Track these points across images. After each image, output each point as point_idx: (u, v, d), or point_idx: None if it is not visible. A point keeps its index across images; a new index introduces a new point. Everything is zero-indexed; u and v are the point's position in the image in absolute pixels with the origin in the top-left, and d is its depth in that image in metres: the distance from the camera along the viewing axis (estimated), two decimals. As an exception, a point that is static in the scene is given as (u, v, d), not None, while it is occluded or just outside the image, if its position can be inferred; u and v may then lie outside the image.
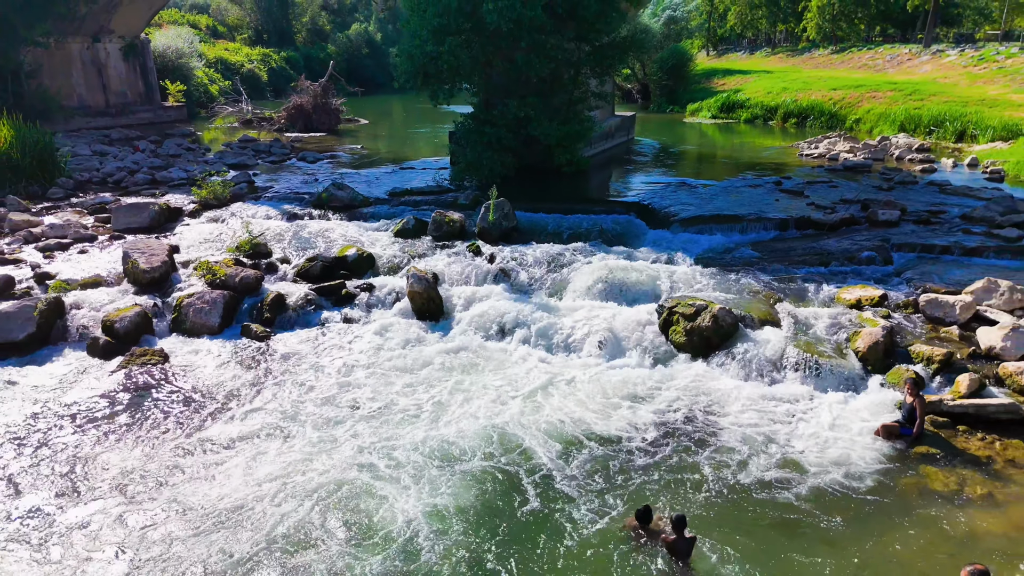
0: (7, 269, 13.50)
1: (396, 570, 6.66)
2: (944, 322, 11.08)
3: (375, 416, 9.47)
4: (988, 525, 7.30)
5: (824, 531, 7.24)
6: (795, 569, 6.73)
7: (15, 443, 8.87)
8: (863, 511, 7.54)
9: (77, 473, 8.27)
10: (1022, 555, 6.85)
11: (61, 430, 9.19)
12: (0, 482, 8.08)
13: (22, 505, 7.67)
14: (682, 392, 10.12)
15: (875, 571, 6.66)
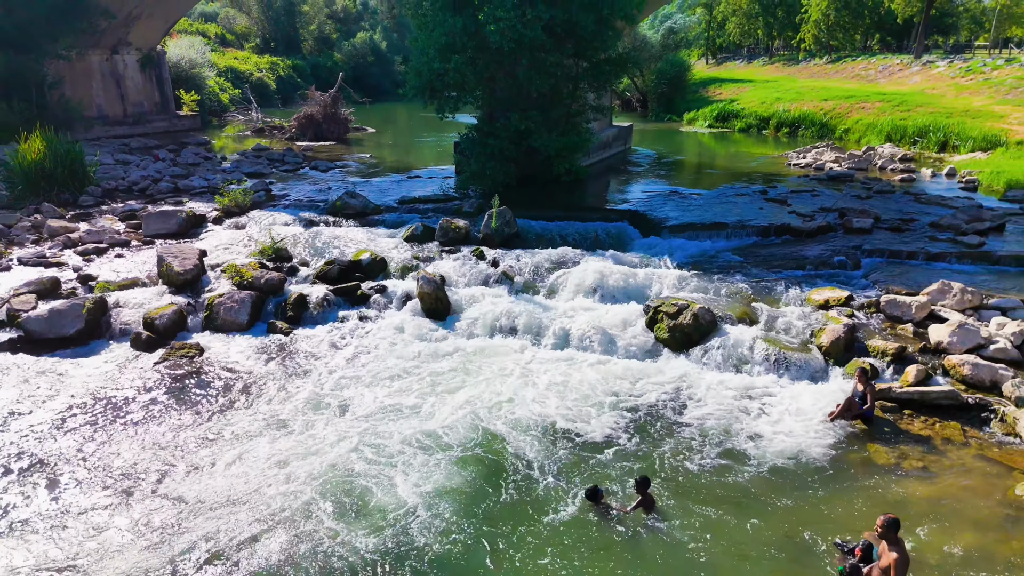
0: (52, 271, 14.79)
1: (433, 509, 7.89)
2: (901, 320, 12.31)
3: (390, 402, 10.70)
4: (920, 492, 8.51)
5: (779, 496, 8.46)
6: (750, 525, 7.94)
7: (75, 423, 10.14)
8: (814, 480, 8.76)
9: (126, 449, 9.53)
10: (944, 515, 8.06)
11: (114, 412, 10.45)
12: (64, 458, 9.34)
13: (81, 476, 8.93)
14: (665, 381, 11.35)
15: (820, 527, 7.87)
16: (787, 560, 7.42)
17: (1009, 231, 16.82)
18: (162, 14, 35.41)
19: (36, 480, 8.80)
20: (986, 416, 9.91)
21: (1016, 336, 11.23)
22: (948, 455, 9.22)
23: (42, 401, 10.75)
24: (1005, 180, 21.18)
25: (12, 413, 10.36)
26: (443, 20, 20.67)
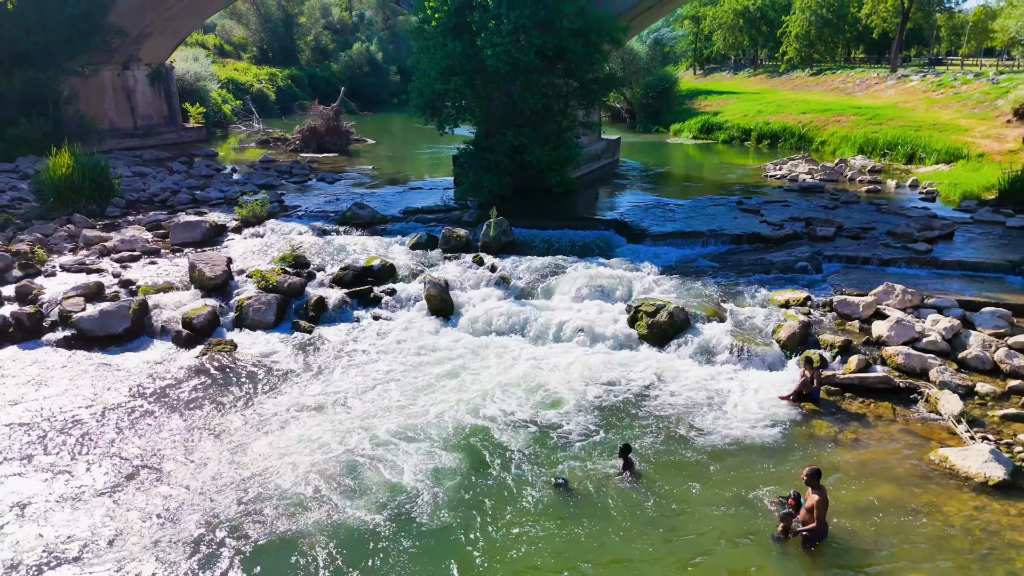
0: (95, 277, 16.38)
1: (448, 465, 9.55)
2: (851, 317, 14.07)
3: (403, 390, 12.34)
4: (851, 458, 10.23)
5: (736, 461, 10.16)
6: (712, 484, 9.63)
7: (131, 408, 11.75)
8: (766, 449, 10.46)
9: (178, 430, 11.15)
10: (869, 474, 9.77)
11: (166, 399, 12.07)
12: (124, 438, 10.95)
13: (139, 453, 10.56)
14: (643, 371, 13.03)
15: (768, 484, 9.54)
16: (740, 510, 9.10)
17: (957, 238, 18.65)
18: (172, 31, 37.05)
19: (103, 455, 10.42)
20: (914, 397, 11.65)
21: (947, 331, 13.00)
22: (878, 429, 10.95)
23: (101, 390, 12.36)
24: (961, 191, 23.06)
25: (76, 401, 11.97)
26: (444, 44, 22.41)
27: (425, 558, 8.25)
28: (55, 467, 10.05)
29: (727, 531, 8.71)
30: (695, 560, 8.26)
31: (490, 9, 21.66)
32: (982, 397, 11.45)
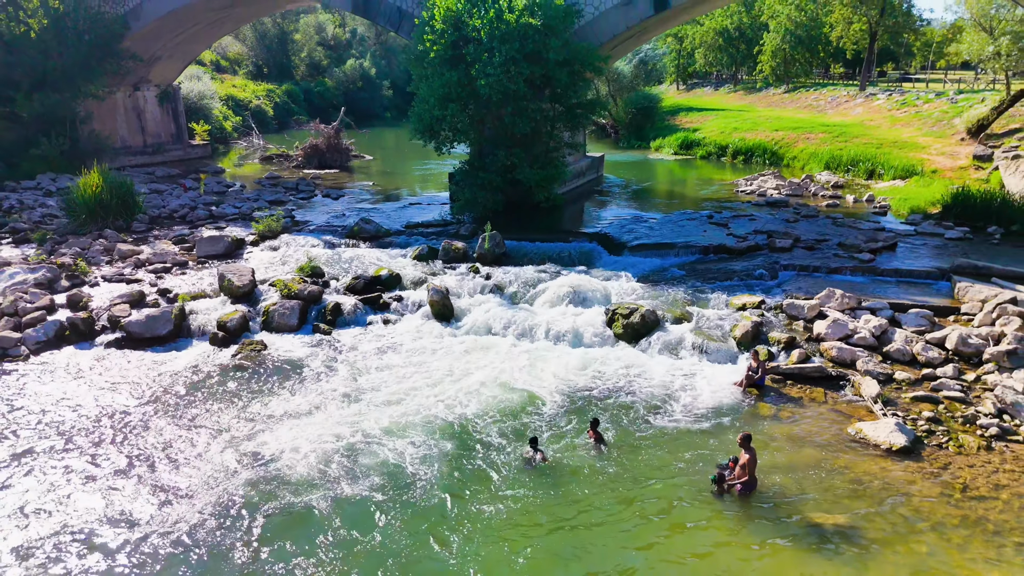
0: (134, 286, 18.41)
1: (450, 442, 11.68)
2: (797, 318, 16.35)
3: (411, 383, 14.47)
4: (785, 431, 12.44)
5: (692, 435, 12.34)
6: (668, 453, 11.80)
7: (179, 399, 13.83)
8: (716, 425, 12.66)
9: (223, 417, 13.23)
10: (799, 443, 11.97)
11: (210, 390, 14.15)
12: (175, 424, 13.04)
13: (188, 436, 12.64)
14: (618, 364, 15.22)
15: (716, 452, 11.73)
16: (691, 473, 11.26)
17: (900, 249, 21.02)
18: (180, 55, 39.16)
19: (158, 438, 12.50)
20: (842, 383, 13.91)
21: (876, 329, 15.30)
22: (810, 409, 13.20)
23: (152, 383, 14.42)
24: (909, 206, 25.48)
25: (131, 393, 14.03)
26: (441, 74, 24.68)
27: (427, 515, 10.39)
28: (119, 449, 12.11)
29: (679, 489, 10.89)
30: (651, 512, 10.40)
31: (483, 43, 23.93)
32: (899, 383, 13.73)
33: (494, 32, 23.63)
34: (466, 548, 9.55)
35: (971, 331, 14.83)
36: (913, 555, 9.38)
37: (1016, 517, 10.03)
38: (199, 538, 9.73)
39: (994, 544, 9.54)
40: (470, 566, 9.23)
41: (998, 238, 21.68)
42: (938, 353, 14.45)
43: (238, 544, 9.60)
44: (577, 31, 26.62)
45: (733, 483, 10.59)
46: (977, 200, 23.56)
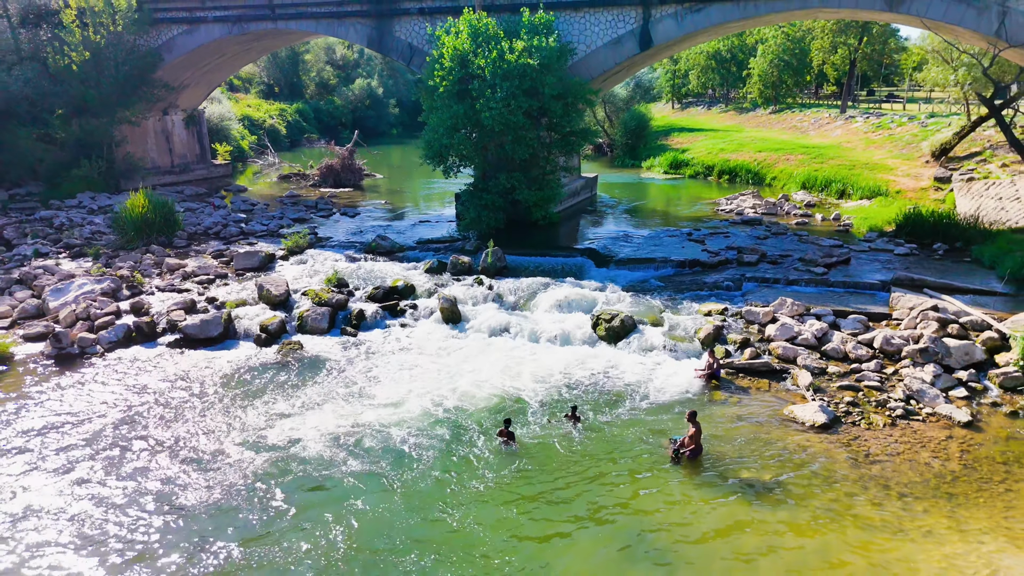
0: (185, 295, 21.35)
1: (461, 422, 14.52)
2: (754, 323, 19.22)
3: (425, 376, 17.34)
4: (731, 412, 15.28)
5: (658, 416, 15.17)
6: (637, 431, 14.64)
7: (232, 390, 16.71)
8: (679, 408, 15.47)
9: (272, 402, 16.10)
10: (741, 422, 14.81)
11: (258, 382, 17.03)
12: (227, 410, 15.91)
13: (238, 419, 15.52)
14: (600, 361, 18.05)
15: (674, 430, 14.57)
16: (653, 444, 14.10)
17: (853, 263, 23.88)
18: (206, 82, 42.32)
19: (217, 421, 15.37)
20: (784, 376, 16.76)
21: (817, 331, 18.15)
22: (755, 396, 16.05)
23: (208, 376, 17.31)
24: (868, 224, 28.37)
25: (190, 385, 16.92)
26: (450, 106, 27.70)
27: (436, 477, 13.23)
28: (182, 427, 14.99)
29: (643, 458, 13.72)
30: (618, 474, 13.20)
31: (487, 80, 26.94)
32: (830, 375, 16.58)
33: (496, 71, 26.65)
34: (465, 500, 12.40)
35: (896, 333, 17.70)
36: (821, 503, 12.18)
37: (902, 475, 12.86)
38: (251, 494, 12.58)
39: (882, 494, 12.35)
40: (468, 519, 12.07)
41: (941, 253, 24.52)
42: (866, 351, 17.31)
43: (279, 496, 12.45)
44: (571, 67, 29.64)
45: (684, 450, 13.43)
46: (926, 219, 26.44)
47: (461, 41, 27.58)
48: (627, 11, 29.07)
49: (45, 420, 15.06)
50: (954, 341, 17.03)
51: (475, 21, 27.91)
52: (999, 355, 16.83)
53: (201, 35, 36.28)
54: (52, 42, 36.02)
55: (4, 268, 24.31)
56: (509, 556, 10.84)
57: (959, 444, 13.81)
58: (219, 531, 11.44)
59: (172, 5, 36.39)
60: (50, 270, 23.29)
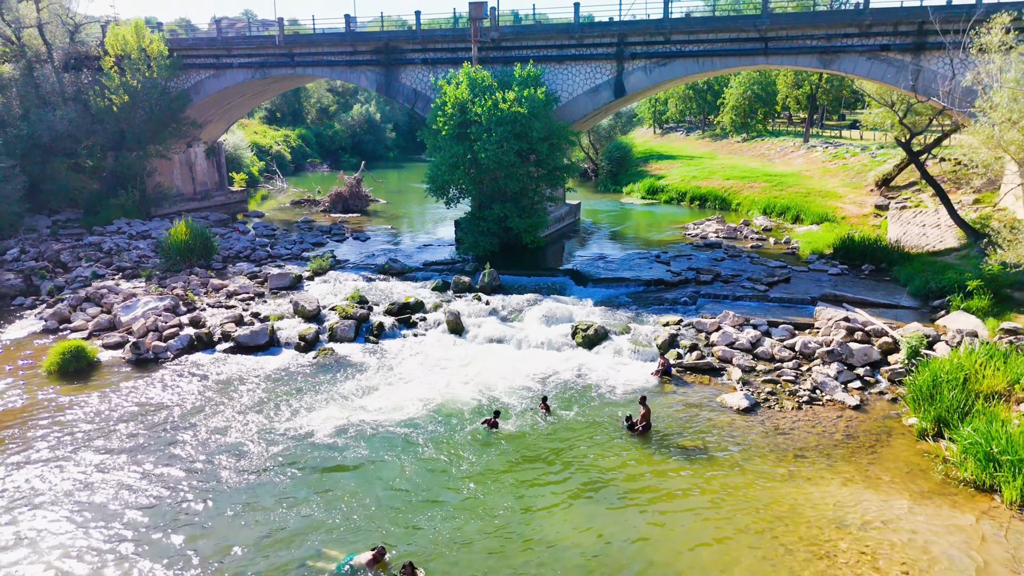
0: (232, 311, 25.55)
1: (461, 415, 18.77)
2: (702, 331, 23.60)
3: (433, 375, 21.59)
4: (675, 400, 19.61)
5: (617, 404, 19.49)
6: (600, 417, 18.94)
7: (281, 387, 20.92)
8: (636, 398, 19.81)
9: (311, 396, 20.33)
10: (683, 407, 19.17)
11: (303, 381, 21.24)
12: (277, 404, 20.13)
13: (286, 409, 19.75)
14: (578, 363, 22.33)
15: (631, 412, 18.88)
16: (614, 424, 18.39)
17: (793, 282, 28.39)
18: (227, 119, 46.71)
19: (268, 411, 19.58)
20: (722, 372, 21.14)
21: (752, 338, 22.56)
22: (697, 388, 20.40)
23: (259, 377, 21.50)
24: (811, 248, 32.93)
25: (245, 383, 21.12)
26: (451, 147, 32.18)
27: (442, 450, 17.49)
28: (241, 416, 19.18)
29: (605, 432, 18.00)
30: (583, 446, 17.47)
31: (483, 124, 31.44)
32: (757, 372, 20.97)
33: (492, 117, 31.16)
34: (463, 466, 16.65)
35: (813, 339, 22.17)
36: (737, 461, 16.49)
37: (800, 442, 17.21)
38: (297, 463, 16.77)
39: (783, 455, 16.69)
40: (466, 478, 16.32)
41: (867, 273, 29.09)
42: (788, 353, 21.75)
43: (322, 464, 16.66)
44: (556, 111, 34.20)
45: (637, 426, 17.76)
46: (857, 244, 31.03)
47: (461, 91, 32.11)
48: (603, 64, 33.72)
49: (134, 409, 19.22)
50: (857, 344, 21.50)
51: (473, 74, 32.48)
52: (892, 355, 21.32)
53: (227, 79, 40.69)
54: (93, 86, 40.30)
55: (71, 288, 28.49)
56: (500, 501, 15.07)
57: (846, 421, 18.23)
58: (280, 485, 15.62)
59: (201, 53, 40.83)
60: (113, 290, 27.46)
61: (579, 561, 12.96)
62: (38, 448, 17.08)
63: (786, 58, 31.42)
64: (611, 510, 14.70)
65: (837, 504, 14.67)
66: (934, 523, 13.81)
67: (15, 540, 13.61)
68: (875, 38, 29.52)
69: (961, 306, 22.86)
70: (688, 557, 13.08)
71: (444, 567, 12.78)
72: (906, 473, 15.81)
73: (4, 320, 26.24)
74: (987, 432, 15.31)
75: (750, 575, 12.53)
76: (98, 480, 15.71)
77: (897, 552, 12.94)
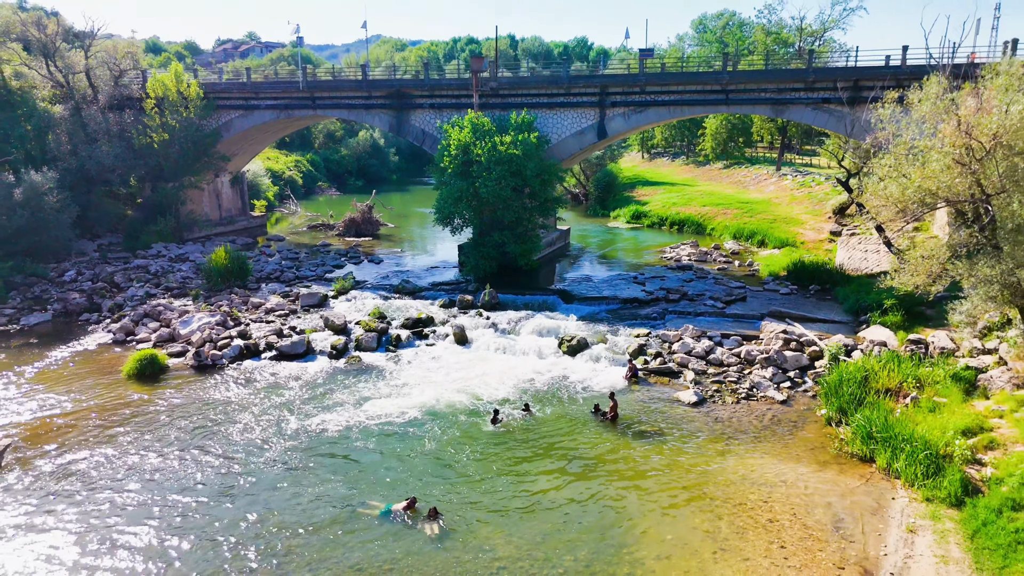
0: (272, 325, 30.29)
1: (465, 412, 23.49)
2: (666, 342, 28.41)
3: (442, 376, 26.33)
4: (639, 397, 24.36)
5: (591, 401, 24.25)
6: (576, 411, 23.69)
7: (318, 388, 25.65)
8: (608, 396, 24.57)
9: (341, 395, 25.06)
10: (644, 401, 23.94)
11: (335, 382, 25.97)
12: (314, 400, 24.87)
13: (320, 404, 24.48)
14: (563, 368, 27.08)
15: (603, 405, 23.60)
16: (587, 416, 23.13)
17: (748, 301, 33.25)
18: (251, 152, 51.69)
19: (309, 406, 24.31)
20: (679, 375, 25.91)
21: (706, 347, 27.36)
22: (658, 387, 25.17)
23: (299, 379, 26.22)
24: (769, 270, 37.82)
25: (289, 384, 25.85)
26: (456, 182, 37.13)
27: (447, 440, 22.21)
28: (286, 411, 23.90)
29: (580, 423, 22.73)
30: (562, 431, 22.21)
31: (483, 164, 36.38)
32: (708, 374, 25.75)
33: (491, 157, 36.12)
34: (467, 451, 21.37)
35: (756, 348, 27.01)
36: (684, 441, 21.20)
37: (735, 428, 21.96)
38: (335, 446, 21.48)
39: (720, 437, 21.43)
40: (470, 460, 21.03)
41: (812, 293, 33.98)
42: (735, 360, 26.56)
43: (353, 447, 21.36)
44: (547, 151, 39.20)
45: (607, 415, 22.51)
46: (807, 266, 35.95)
47: (465, 135, 37.10)
48: (588, 111, 38.78)
49: (201, 404, 23.90)
50: (791, 352, 26.33)
51: (475, 120, 37.49)
52: (818, 361, 26.14)
53: (254, 118, 45.69)
54: (135, 124, 45.24)
55: (129, 306, 33.23)
56: (498, 469, 19.77)
57: (772, 413, 23.01)
58: (327, 460, 20.30)
59: (232, 95, 45.86)
60: (167, 307, 32.21)
61: (554, 507, 17.69)
62: (130, 434, 21.77)
63: (744, 107, 36.49)
64: (583, 475, 19.42)
65: (754, 470, 19.42)
66: (823, 483, 18.58)
67: (118, 500, 18.29)
68: (818, 92, 34.61)
69: (878, 321, 27.74)
70: (640, 505, 17.81)
71: (457, 513, 17.48)
72: (811, 449, 20.58)
73: (77, 333, 30.95)
74: (870, 417, 20.12)
75: (686, 517, 17.25)
76: (181, 457, 20.40)
77: (790, 501, 17.71)
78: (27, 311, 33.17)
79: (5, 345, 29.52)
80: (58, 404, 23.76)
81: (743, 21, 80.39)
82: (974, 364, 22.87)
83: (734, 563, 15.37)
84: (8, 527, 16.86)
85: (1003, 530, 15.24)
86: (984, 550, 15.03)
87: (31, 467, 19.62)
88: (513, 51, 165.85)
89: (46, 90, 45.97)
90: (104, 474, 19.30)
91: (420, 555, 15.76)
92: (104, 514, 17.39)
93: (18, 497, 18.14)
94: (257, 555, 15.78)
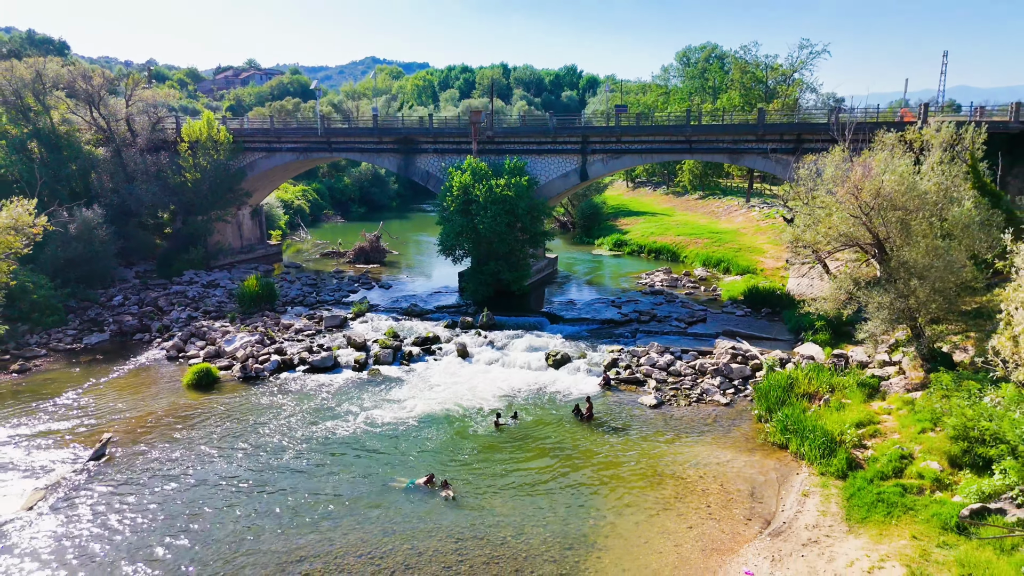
0: (303, 343, 35.68)
1: (460, 415, 28.92)
2: (635, 356, 33.97)
3: (447, 388, 31.74)
4: (611, 400, 29.84)
5: (571, 404, 29.71)
6: (557, 412, 29.14)
7: (344, 395, 31.05)
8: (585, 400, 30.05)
9: (368, 402, 30.48)
10: (614, 406, 29.43)
11: (361, 391, 31.36)
12: (340, 405, 30.29)
13: (346, 407, 29.92)
14: (548, 379, 32.55)
15: (579, 405, 29.06)
16: (567, 416, 28.57)
17: (708, 322, 38.89)
18: (270, 187, 57.35)
19: (341, 408, 29.71)
20: (644, 383, 31.41)
21: (668, 360, 32.91)
22: (626, 393, 30.66)
23: (329, 389, 31.61)
24: (729, 295, 43.52)
25: (323, 392, 31.23)
26: (457, 219, 42.83)
27: (450, 439, 27.64)
28: (316, 415, 29.28)
29: (563, 422, 28.18)
30: (547, 428, 27.66)
31: (481, 203, 42.09)
32: (668, 382, 31.27)
33: (488, 197, 41.83)
34: (470, 449, 26.78)
35: (708, 361, 32.61)
36: (643, 435, 26.67)
37: (685, 424, 27.45)
38: (363, 443, 26.85)
39: (672, 432, 26.92)
40: (473, 457, 26.44)
41: (763, 315, 39.68)
42: (691, 371, 32.13)
43: (380, 438, 26.74)
44: (536, 190, 44.97)
45: (584, 415, 27.97)
46: (760, 292, 41.68)
47: (465, 178, 42.85)
48: (571, 157, 44.65)
49: (250, 408, 29.23)
50: (737, 365, 31.94)
51: (475, 165, 43.27)
52: (759, 372, 31.75)
53: (276, 159, 51.37)
54: (170, 165, 50.81)
55: (177, 327, 38.55)
56: (495, 456, 25.18)
57: (717, 413, 28.55)
58: (359, 451, 25.64)
59: (257, 139, 51.58)
60: (211, 328, 37.57)
61: (540, 481, 23.12)
62: (197, 429, 27.07)
63: (705, 155, 42.46)
64: (563, 460, 24.88)
65: (697, 455, 24.92)
66: (748, 464, 24.10)
67: (197, 478, 23.61)
68: (767, 143, 40.59)
69: (811, 339, 33.43)
70: (606, 480, 23.25)
71: (464, 486, 22.86)
72: (743, 440, 26.11)
73: (134, 351, 36.24)
74: (788, 414, 25.70)
75: (640, 487, 22.67)
76: (242, 448, 25.72)
77: (720, 476, 23.22)
78: (87, 332, 38.39)
79: (76, 361, 34.77)
80: (135, 407, 29.06)
81: (724, 53, 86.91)
82: (879, 373, 28.54)
83: (672, 516, 20.85)
84: (119, 503, 22.17)
85: (870, 493, 20.78)
86: (855, 507, 20.53)
87: (127, 457, 24.91)
88: (506, 79, 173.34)
89: (89, 133, 51.49)
90: (185, 459, 24.61)
91: (440, 513, 21.15)
92: (190, 486, 22.71)
93: (120, 478, 23.43)
94: (313, 518, 21.11)
